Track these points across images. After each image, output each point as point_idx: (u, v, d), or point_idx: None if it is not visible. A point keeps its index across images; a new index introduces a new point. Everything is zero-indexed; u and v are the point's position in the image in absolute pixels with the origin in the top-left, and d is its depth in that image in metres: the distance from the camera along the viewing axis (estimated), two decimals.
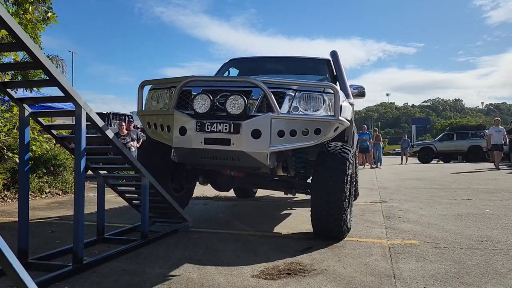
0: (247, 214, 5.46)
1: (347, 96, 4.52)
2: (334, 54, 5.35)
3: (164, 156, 4.15)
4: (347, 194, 3.60)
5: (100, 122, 3.00)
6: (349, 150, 3.82)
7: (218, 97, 3.53)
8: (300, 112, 3.50)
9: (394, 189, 8.31)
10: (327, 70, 5.42)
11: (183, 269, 2.89)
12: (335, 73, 5.21)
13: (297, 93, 3.53)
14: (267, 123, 3.36)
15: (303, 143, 3.49)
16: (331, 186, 3.54)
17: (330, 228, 3.67)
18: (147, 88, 4.04)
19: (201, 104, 3.46)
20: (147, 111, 3.97)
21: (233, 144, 3.37)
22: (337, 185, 3.53)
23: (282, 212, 5.52)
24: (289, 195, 5.00)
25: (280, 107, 3.41)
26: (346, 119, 3.84)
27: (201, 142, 3.43)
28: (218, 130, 3.39)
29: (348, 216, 3.80)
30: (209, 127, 3.41)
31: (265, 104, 3.46)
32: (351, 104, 4.54)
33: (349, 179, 3.67)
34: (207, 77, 3.75)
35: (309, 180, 4.43)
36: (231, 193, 6.45)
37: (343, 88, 4.67)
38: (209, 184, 4.93)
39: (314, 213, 3.68)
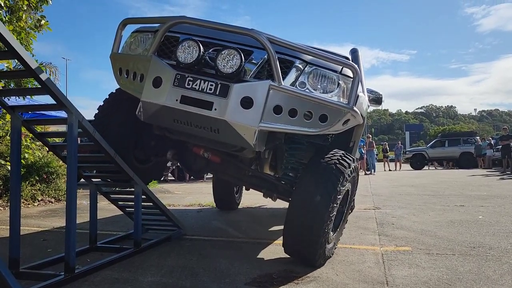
0: (240, 222, 5.44)
1: None
2: (354, 52, 4.74)
3: (128, 116, 3.50)
4: (330, 219, 2.98)
5: (92, 130, 2.99)
6: (349, 163, 3.13)
7: (210, 51, 2.96)
8: (307, 90, 2.87)
9: (388, 196, 8.33)
10: None
11: (176, 277, 2.88)
12: None
13: (307, 67, 2.94)
14: (263, 92, 2.73)
15: (302, 128, 2.82)
16: (312, 204, 2.90)
17: (300, 252, 3.10)
18: (129, 31, 3.42)
19: (187, 52, 2.84)
20: (120, 54, 3.33)
21: (215, 109, 2.73)
22: (319, 206, 2.88)
23: (276, 220, 5.51)
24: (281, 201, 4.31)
25: (283, 79, 2.80)
26: (361, 114, 3.17)
27: (177, 100, 2.80)
28: (200, 89, 2.77)
29: (330, 244, 3.26)
30: (190, 83, 2.80)
31: (266, 71, 2.90)
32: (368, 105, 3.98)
33: (339, 197, 3.02)
34: (202, 21, 2.94)
35: None
36: None
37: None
38: (202, 192, 4.81)
39: (286, 227, 3.07)
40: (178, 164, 4.09)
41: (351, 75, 2.93)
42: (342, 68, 2.98)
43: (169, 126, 3.15)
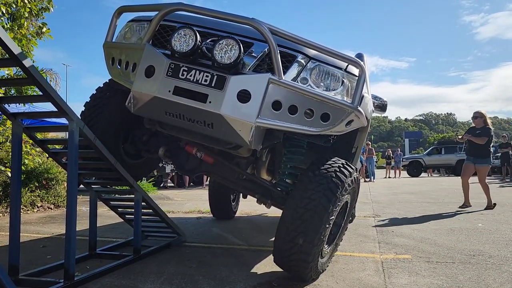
0: (240, 229, 5.44)
1: None
2: (359, 57, 4.27)
3: (118, 108, 3.38)
4: (325, 232, 2.78)
5: (93, 138, 3.00)
6: (349, 173, 2.94)
7: (207, 41, 2.78)
8: (309, 87, 2.68)
9: (387, 203, 8.33)
10: None
11: (176, 285, 2.88)
12: None
13: (310, 63, 2.76)
14: (261, 86, 2.54)
15: (302, 127, 2.61)
16: (305, 215, 2.71)
17: (290, 265, 2.89)
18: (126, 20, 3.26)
19: (183, 41, 2.67)
20: (114, 43, 3.16)
21: (209, 102, 2.55)
22: (312, 221, 2.69)
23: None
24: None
25: (284, 73, 2.62)
26: (365, 116, 2.93)
27: (169, 91, 2.62)
28: (195, 80, 2.60)
29: (324, 258, 3.11)
30: (185, 73, 2.63)
31: (266, 65, 2.73)
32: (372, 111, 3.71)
33: (336, 209, 2.83)
34: (199, 8, 2.76)
35: None
36: None
37: None
38: (202, 198, 4.75)
39: (277, 237, 2.86)
40: (171, 163, 3.79)
41: (357, 73, 2.75)
42: (347, 66, 2.80)
43: (160, 119, 2.97)
